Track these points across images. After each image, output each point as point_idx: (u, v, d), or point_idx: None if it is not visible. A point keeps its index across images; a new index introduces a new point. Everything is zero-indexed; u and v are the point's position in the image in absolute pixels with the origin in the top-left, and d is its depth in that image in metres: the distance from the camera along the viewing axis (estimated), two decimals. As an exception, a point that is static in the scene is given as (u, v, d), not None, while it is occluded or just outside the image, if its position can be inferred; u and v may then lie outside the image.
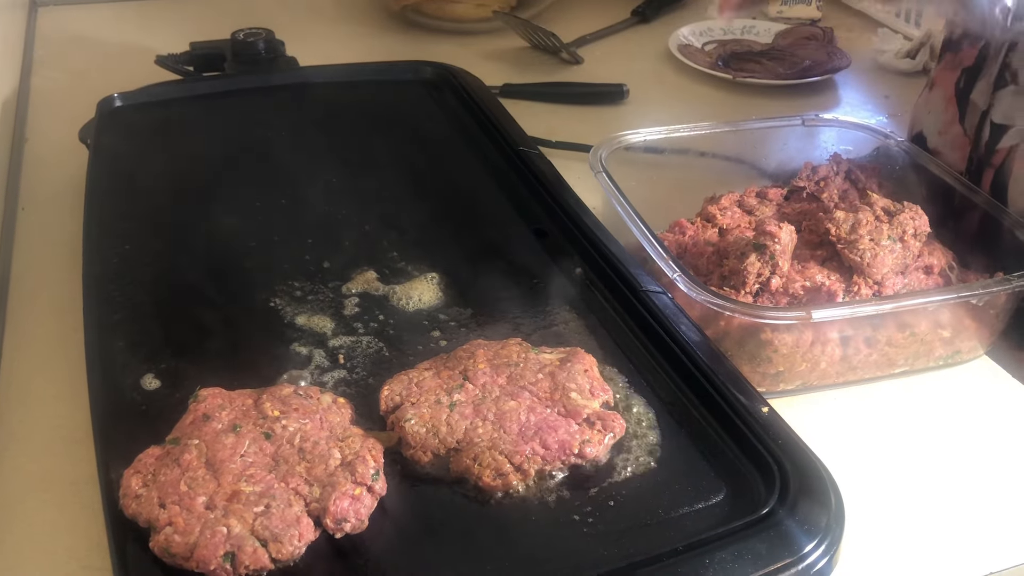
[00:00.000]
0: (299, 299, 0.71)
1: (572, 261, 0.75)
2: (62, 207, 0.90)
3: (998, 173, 0.84)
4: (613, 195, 0.77)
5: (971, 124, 0.88)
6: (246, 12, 1.39)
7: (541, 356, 0.63)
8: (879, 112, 1.19)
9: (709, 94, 1.21)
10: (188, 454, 0.54)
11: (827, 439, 0.63)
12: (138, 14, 1.42)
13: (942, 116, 0.92)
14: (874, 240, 0.72)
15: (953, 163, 0.90)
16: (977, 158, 0.87)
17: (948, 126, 0.90)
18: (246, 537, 0.50)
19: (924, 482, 0.65)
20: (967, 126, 0.89)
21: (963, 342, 0.74)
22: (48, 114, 1.12)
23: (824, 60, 1.24)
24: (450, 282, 0.74)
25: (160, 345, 0.66)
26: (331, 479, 0.53)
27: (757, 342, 0.68)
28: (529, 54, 1.31)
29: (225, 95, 1.01)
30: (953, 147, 0.90)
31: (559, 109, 1.16)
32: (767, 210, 0.83)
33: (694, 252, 0.78)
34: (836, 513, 0.53)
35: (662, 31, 1.36)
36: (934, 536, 0.62)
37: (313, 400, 0.59)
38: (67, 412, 0.67)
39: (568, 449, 0.57)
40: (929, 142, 0.94)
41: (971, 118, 0.88)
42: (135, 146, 0.90)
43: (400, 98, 1.03)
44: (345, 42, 1.32)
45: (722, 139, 0.90)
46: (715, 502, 0.55)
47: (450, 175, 0.89)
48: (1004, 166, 0.84)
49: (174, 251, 0.77)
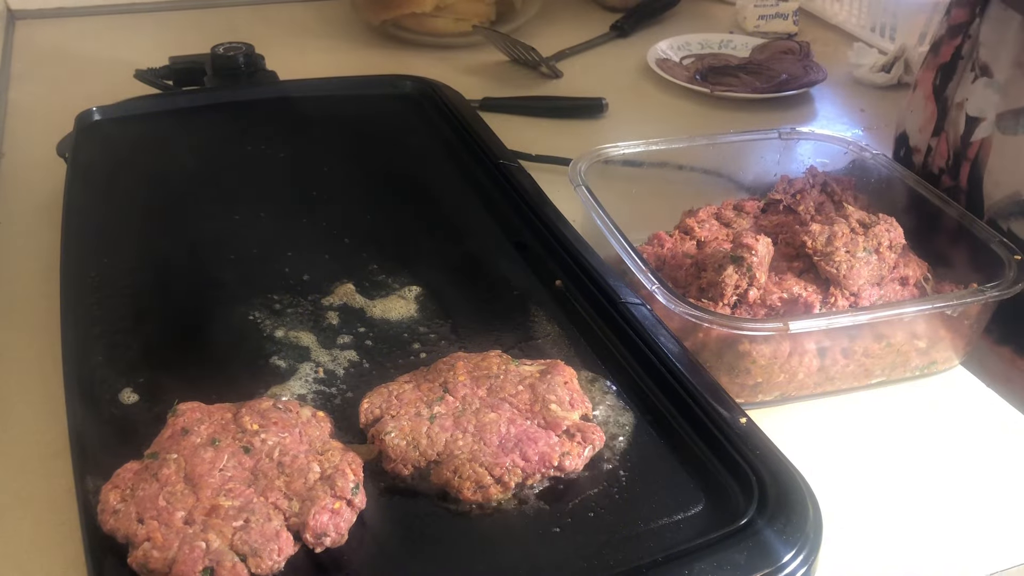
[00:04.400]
0: (278, 312, 0.71)
1: (552, 274, 0.75)
2: (40, 221, 0.90)
3: (973, 166, 0.86)
4: (592, 208, 0.78)
5: (949, 120, 0.90)
6: (226, 26, 1.39)
7: (521, 368, 0.63)
8: (855, 125, 1.20)
9: (687, 108, 1.22)
10: (167, 468, 0.54)
11: (805, 449, 0.64)
12: (117, 28, 1.41)
13: (922, 114, 0.93)
14: (850, 252, 0.73)
15: (934, 159, 0.91)
16: (955, 153, 0.88)
17: (927, 122, 0.92)
18: (225, 552, 0.50)
19: (901, 491, 0.66)
20: (944, 121, 0.90)
21: (938, 352, 0.75)
22: (26, 128, 1.11)
23: (800, 74, 1.26)
24: (430, 295, 0.74)
25: (138, 359, 0.66)
26: (310, 493, 0.53)
27: (735, 353, 0.69)
28: (509, 68, 1.32)
29: (204, 109, 1.01)
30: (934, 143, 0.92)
31: (539, 123, 1.17)
32: (744, 223, 0.84)
33: (673, 264, 0.78)
34: (814, 523, 0.53)
35: (640, 45, 1.37)
36: (910, 544, 0.62)
37: (292, 414, 0.58)
38: (45, 427, 0.67)
39: (548, 461, 0.57)
40: (911, 140, 0.95)
41: (948, 113, 0.90)
42: (113, 160, 0.90)
43: (380, 112, 1.03)
44: (325, 56, 1.32)
45: (700, 152, 0.90)
46: (694, 513, 0.55)
47: (430, 188, 0.89)
48: (978, 158, 0.85)
49: (152, 265, 0.76)
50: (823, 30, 1.50)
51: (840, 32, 1.48)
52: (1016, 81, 0.83)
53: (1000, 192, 0.85)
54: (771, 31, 1.45)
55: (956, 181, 0.88)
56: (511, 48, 1.30)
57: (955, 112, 0.89)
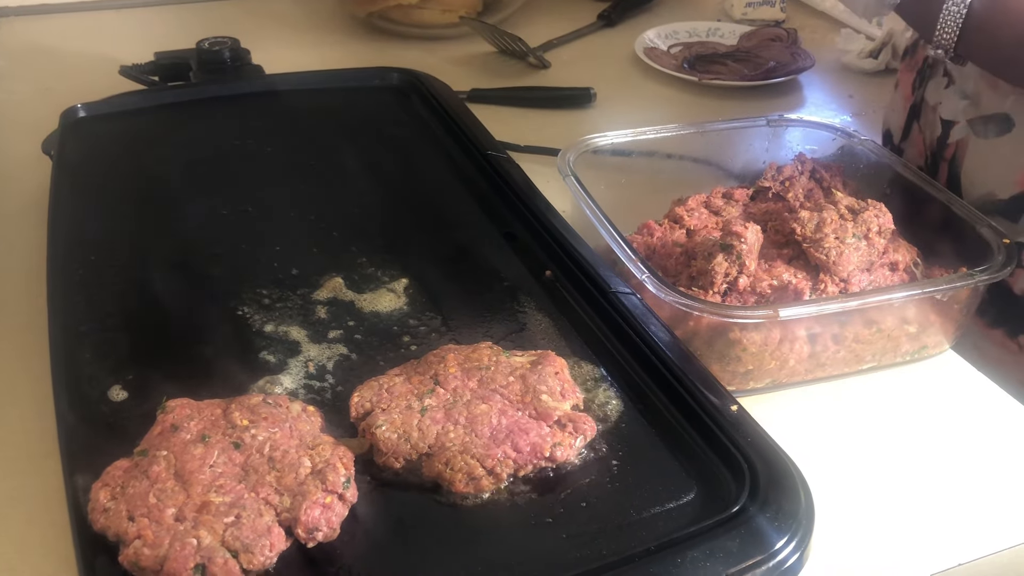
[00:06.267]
0: (267, 307, 0.71)
1: (542, 264, 0.75)
2: (26, 219, 0.89)
3: (951, 166, 0.86)
4: (581, 198, 0.78)
5: (925, 121, 0.90)
6: (211, 21, 1.38)
7: (512, 359, 0.63)
8: (843, 111, 1.20)
9: (675, 96, 1.22)
10: (157, 466, 0.54)
11: (797, 436, 0.64)
12: (101, 24, 1.40)
13: (903, 115, 0.94)
14: (839, 238, 0.73)
15: (912, 158, 0.92)
16: (932, 153, 0.89)
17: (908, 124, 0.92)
18: (216, 548, 0.50)
19: (893, 476, 0.66)
20: (922, 123, 0.90)
21: (929, 337, 0.75)
22: (10, 126, 1.10)
23: (788, 61, 1.26)
24: (420, 287, 0.73)
25: (127, 356, 0.65)
26: (301, 488, 0.53)
27: (726, 341, 0.69)
28: (496, 59, 1.31)
29: (190, 104, 1.00)
30: (912, 143, 0.93)
31: (527, 113, 1.17)
32: (733, 211, 0.84)
33: (662, 253, 0.78)
34: (806, 509, 0.53)
35: (628, 34, 1.37)
36: (903, 530, 0.62)
37: (282, 409, 0.58)
38: (34, 426, 0.66)
39: (540, 452, 0.57)
40: (894, 139, 0.96)
41: (925, 115, 0.90)
42: (99, 157, 0.90)
43: (367, 104, 1.03)
44: (311, 49, 1.32)
45: (688, 141, 0.90)
46: (686, 501, 0.55)
47: (419, 180, 0.89)
48: (955, 159, 0.86)
49: (140, 261, 0.76)
50: (810, 17, 1.50)
51: (827, 19, 1.48)
52: (983, 91, 0.84)
53: (977, 191, 0.85)
54: (759, 18, 1.45)
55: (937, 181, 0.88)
56: (498, 39, 1.30)
57: (931, 114, 0.89)
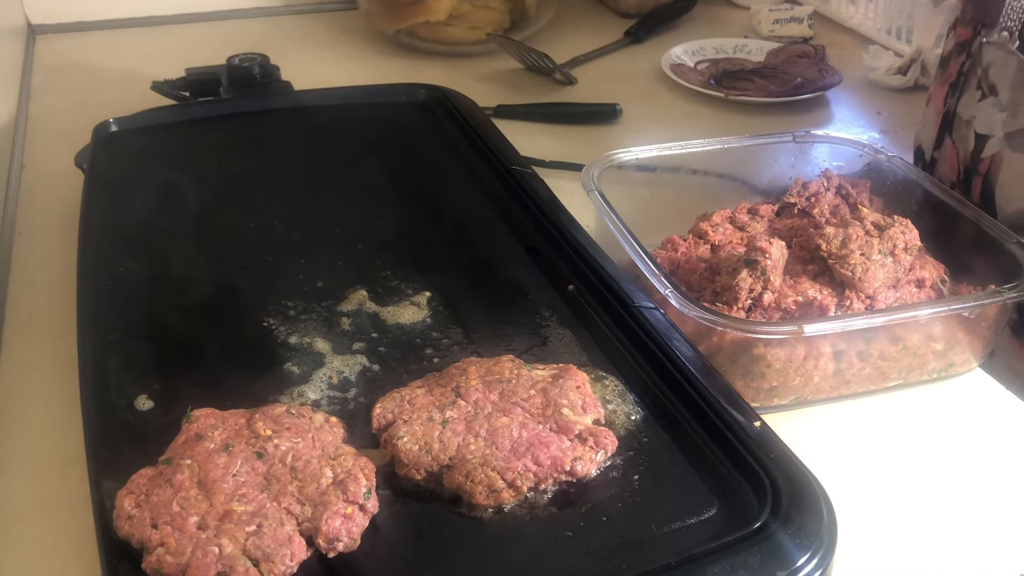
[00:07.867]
0: (292, 319, 0.71)
1: (565, 278, 0.75)
2: (58, 231, 0.91)
3: (985, 181, 0.85)
4: (605, 213, 0.78)
5: (958, 136, 0.89)
6: (241, 38, 1.40)
7: (533, 372, 0.63)
8: (871, 128, 1.19)
9: (701, 112, 1.22)
10: (180, 474, 0.54)
11: (821, 453, 0.63)
12: (134, 40, 1.43)
13: (935, 130, 0.93)
14: (865, 254, 0.72)
15: (945, 173, 0.91)
16: (965, 168, 0.88)
17: (940, 138, 0.92)
18: (238, 557, 0.50)
19: (918, 496, 0.65)
20: (955, 138, 0.90)
21: (956, 355, 0.74)
22: (45, 140, 1.12)
23: (816, 77, 1.25)
24: (443, 300, 0.74)
25: (153, 366, 0.66)
26: (323, 498, 0.53)
27: (750, 357, 0.69)
28: (522, 75, 1.32)
29: (220, 119, 1.02)
30: (945, 159, 0.92)
31: (552, 129, 1.17)
32: (758, 226, 0.83)
33: (687, 268, 0.78)
34: (828, 526, 0.53)
35: (655, 51, 1.37)
36: (927, 551, 0.61)
37: (305, 419, 0.59)
38: (62, 434, 0.67)
39: (560, 465, 0.57)
40: (926, 155, 0.95)
41: (958, 130, 0.89)
42: (130, 170, 0.91)
43: (394, 120, 1.03)
44: (339, 66, 1.33)
45: (714, 157, 0.90)
46: (707, 517, 0.55)
47: (444, 195, 0.90)
48: (989, 174, 0.85)
49: (168, 273, 0.77)
50: (838, 33, 1.49)
51: (855, 35, 1.47)
52: (1021, 102, 0.83)
53: (1012, 206, 0.84)
54: (786, 35, 1.45)
55: (968, 196, 0.87)
56: (525, 55, 1.31)
57: (965, 129, 0.88)
